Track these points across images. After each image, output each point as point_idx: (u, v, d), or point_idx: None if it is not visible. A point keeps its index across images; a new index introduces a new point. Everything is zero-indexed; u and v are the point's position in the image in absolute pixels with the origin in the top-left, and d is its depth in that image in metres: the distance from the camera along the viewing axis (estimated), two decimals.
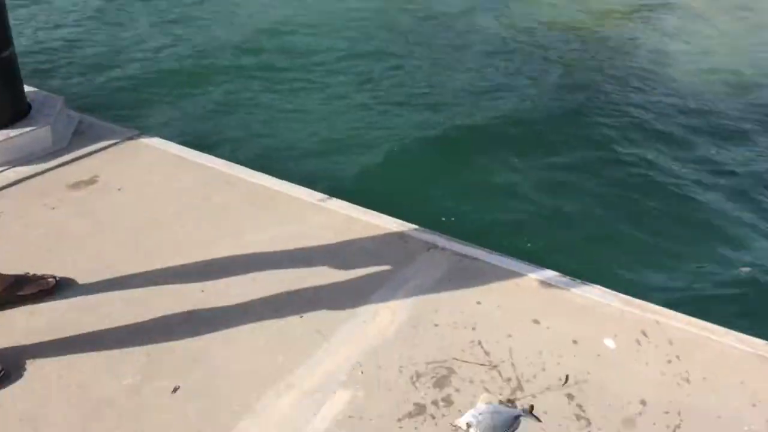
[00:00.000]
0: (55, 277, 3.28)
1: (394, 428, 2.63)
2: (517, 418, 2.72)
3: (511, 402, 2.81)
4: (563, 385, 2.92)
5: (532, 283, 3.61)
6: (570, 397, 2.86)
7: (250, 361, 2.93)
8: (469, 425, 2.63)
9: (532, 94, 8.49)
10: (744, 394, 2.91)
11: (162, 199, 4.27)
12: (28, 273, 3.26)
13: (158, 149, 4.89)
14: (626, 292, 3.58)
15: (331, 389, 2.80)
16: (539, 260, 3.88)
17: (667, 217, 6.03)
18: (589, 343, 3.18)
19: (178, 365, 2.88)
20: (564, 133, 7.36)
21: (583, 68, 9.40)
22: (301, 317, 3.23)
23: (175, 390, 2.74)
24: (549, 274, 3.68)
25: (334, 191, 4.54)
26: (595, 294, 3.53)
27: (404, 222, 4.11)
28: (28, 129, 4.59)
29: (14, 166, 4.43)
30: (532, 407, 2.79)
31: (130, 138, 4.97)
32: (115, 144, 4.90)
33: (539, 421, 2.73)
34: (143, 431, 2.54)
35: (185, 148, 4.94)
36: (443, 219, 5.25)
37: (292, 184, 4.51)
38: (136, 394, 2.70)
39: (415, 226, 4.08)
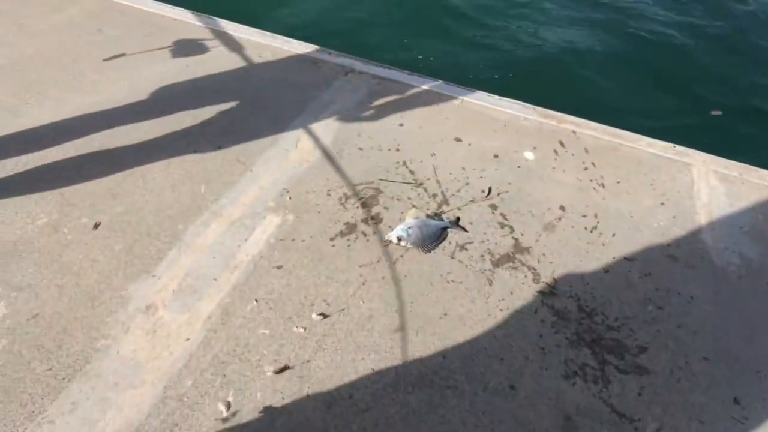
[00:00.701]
0: None
1: (326, 247, 2.65)
2: (444, 229, 2.79)
3: (437, 215, 2.87)
4: (486, 197, 3.00)
5: (453, 101, 3.58)
6: (493, 207, 2.95)
7: (170, 194, 2.81)
8: (399, 239, 2.68)
9: None
10: (654, 194, 3.09)
11: (47, 33, 3.82)
12: None
13: None
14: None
15: (260, 215, 2.76)
16: (457, 79, 3.83)
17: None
18: (510, 156, 3.25)
19: (96, 202, 2.72)
20: None
21: None
22: (219, 148, 3.09)
23: (96, 226, 2.61)
24: (469, 92, 3.66)
25: (235, 16, 4.20)
26: (514, 109, 3.55)
27: (317, 46, 3.91)
28: None
29: None
30: (458, 219, 2.87)
31: None
32: None
33: (465, 231, 2.82)
34: (69, 267, 2.43)
35: None
36: (357, 42, 5.03)
37: (191, 12, 4.14)
38: (53, 233, 2.56)
39: (329, 50, 3.89)
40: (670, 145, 3.40)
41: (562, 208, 2.97)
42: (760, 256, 2.80)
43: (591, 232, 2.86)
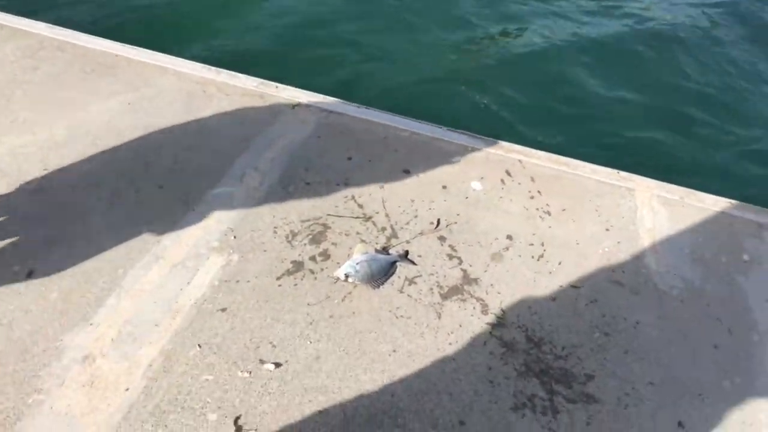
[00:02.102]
0: None
1: (273, 287, 2.60)
2: (393, 263, 2.77)
3: (385, 249, 2.85)
4: (435, 228, 3.00)
5: (401, 133, 3.59)
6: (442, 239, 2.95)
7: (110, 237, 2.73)
8: (347, 275, 2.65)
9: None
10: (599, 220, 3.14)
11: None
12: None
13: None
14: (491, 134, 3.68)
15: (204, 256, 2.70)
16: (407, 111, 3.84)
17: None
18: (458, 187, 3.26)
19: (29, 250, 2.62)
20: None
21: None
22: (161, 187, 3.03)
23: (29, 274, 2.51)
24: (416, 124, 3.68)
25: (181, 52, 4.16)
26: (462, 140, 3.58)
27: (263, 80, 3.88)
28: None
29: None
30: (407, 252, 2.86)
31: None
32: None
33: (414, 264, 2.81)
34: None
35: (0, 12, 4.29)
36: (303, 75, 5.01)
37: (133, 47, 4.07)
38: None
39: (276, 84, 3.86)
40: (615, 171, 3.46)
41: (509, 237, 2.99)
42: (701, 279, 2.86)
43: (538, 260, 2.88)
